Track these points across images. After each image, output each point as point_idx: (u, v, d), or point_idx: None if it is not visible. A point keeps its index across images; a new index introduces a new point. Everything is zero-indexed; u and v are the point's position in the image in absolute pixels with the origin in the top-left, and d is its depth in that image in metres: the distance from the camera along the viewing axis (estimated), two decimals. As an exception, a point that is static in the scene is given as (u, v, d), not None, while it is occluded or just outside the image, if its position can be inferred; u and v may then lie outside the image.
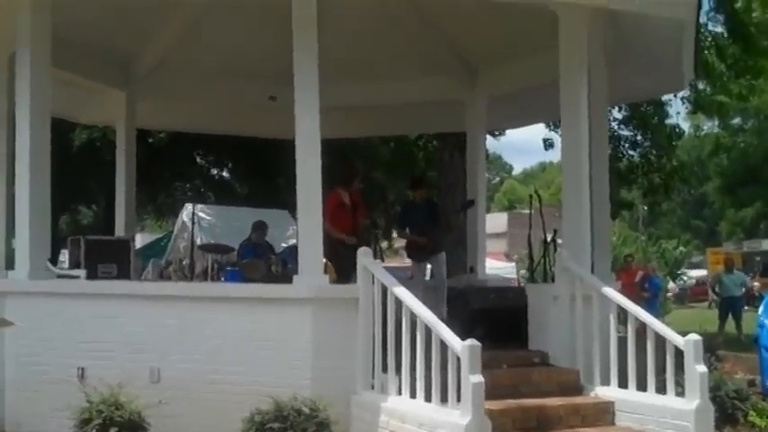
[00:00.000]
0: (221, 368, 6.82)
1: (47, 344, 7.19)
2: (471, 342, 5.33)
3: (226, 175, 22.24)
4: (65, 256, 9.48)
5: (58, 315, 7.27)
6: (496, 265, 26.65)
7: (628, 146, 18.42)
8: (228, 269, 9.01)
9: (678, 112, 55.70)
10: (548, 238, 8.96)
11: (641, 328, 6.65)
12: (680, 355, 6.22)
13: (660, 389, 6.43)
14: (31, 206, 7.44)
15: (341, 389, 6.47)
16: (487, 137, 13.41)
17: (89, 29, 8.89)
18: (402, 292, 6.18)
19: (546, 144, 18.57)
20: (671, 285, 32.41)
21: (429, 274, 9.12)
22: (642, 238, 39.81)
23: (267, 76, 10.20)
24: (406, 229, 9.22)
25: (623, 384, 6.68)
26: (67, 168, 15.48)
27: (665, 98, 17.40)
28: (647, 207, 34.67)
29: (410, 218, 9.24)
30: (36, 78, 7.51)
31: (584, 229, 7.61)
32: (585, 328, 7.04)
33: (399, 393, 6.13)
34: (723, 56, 15.72)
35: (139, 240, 19.19)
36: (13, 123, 7.73)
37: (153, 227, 30.99)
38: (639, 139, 18.39)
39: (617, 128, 17.81)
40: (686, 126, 33.92)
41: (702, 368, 6.15)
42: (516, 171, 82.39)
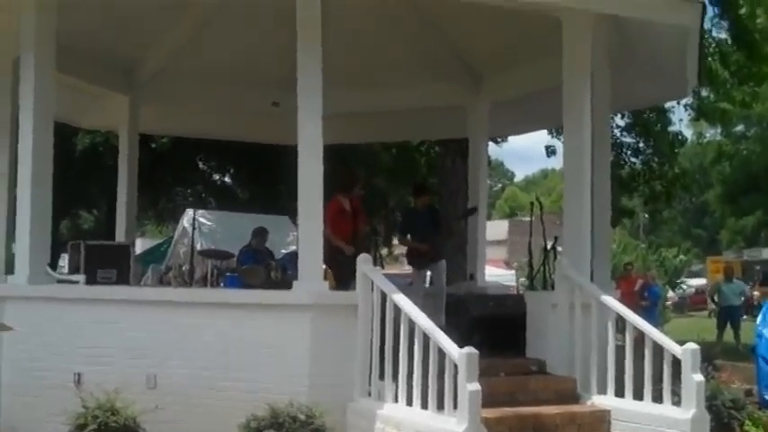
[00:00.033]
0: (219, 374, 6.81)
1: (45, 349, 7.17)
2: (469, 350, 5.33)
3: (227, 180, 22.24)
4: (65, 261, 9.50)
5: (57, 320, 7.25)
6: (496, 273, 26.66)
7: (630, 153, 18.41)
8: (228, 275, 9.03)
9: (681, 119, 55.75)
10: (548, 246, 8.97)
11: (639, 336, 6.65)
12: (677, 363, 6.22)
13: (657, 398, 6.44)
14: (32, 211, 7.42)
15: (338, 396, 6.46)
16: (489, 143, 13.41)
17: (93, 34, 8.91)
18: (401, 299, 6.18)
19: (548, 151, 18.57)
20: (670, 294, 32.34)
21: (429, 281, 9.12)
22: (642, 246, 39.75)
23: (270, 82, 10.24)
24: (408, 236, 9.22)
25: (620, 393, 6.67)
26: (69, 173, 15.48)
27: (667, 105, 17.43)
28: (647, 215, 34.66)
29: (412, 224, 9.23)
30: (40, 82, 7.49)
31: (584, 237, 7.60)
32: (584, 337, 7.04)
33: (396, 401, 6.12)
34: (727, 63, 15.67)
35: (140, 245, 19.19)
36: (16, 127, 7.74)
37: (153, 232, 30.98)
38: (642, 146, 18.38)
39: (619, 135, 17.82)
40: (689, 133, 33.92)
41: (699, 377, 6.15)
42: (518, 178, 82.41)
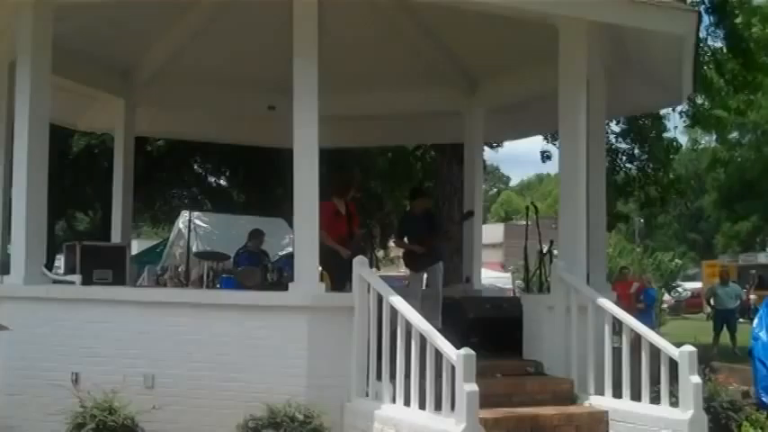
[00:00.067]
0: (216, 374, 6.81)
1: (42, 349, 7.16)
2: (466, 351, 5.33)
3: (223, 182, 22.27)
4: (60, 262, 9.49)
5: (53, 320, 7.24)
6: (492, 275, 26.72)
7: (625, 159, 18.47)
8: (224, 276, 9.04)
9: (676, 125, 55.97)
10: (543, 249, 9.00)
11: (636, 338, 6.66)
12: (674, 365, 6.23)
13: (654, 399, 6.45)
14: (28, 212, 7.42)
15: (335, 396, 6.47)
16: (485, 148, 13.43)
17: (89, 36, 8.90)
18: (397, 301, 6.19)
19: (543, 156, 18.63)
20: (666, 297, 32.45)
21: (425, 284, 9.13)
22: (638, 250, 39.87)
23: (266, 86, 10.22)
24: (405, 239, 9.23)
25: (617, 394, 6.69)
26: (65, 174, 15.50)
27: (663, 112, 17.52)
28: (643, 220, 34.76)
29: (409, 228, 9.25)
30: (36, 85, 7.48)
31: (580, 241, 7.61)
32: (580, 338, 7.06)
33: (393, 401, 6.12)
34: (722, 71, 15.80)
35: (135, 247, 19.16)
36: (12, 129, 7.73)
37: (149, 233, 30.97)
38: (637, 152, 18.45)
39: (615, 141, 17.88)
40: (684, 140, 34.09)
41: (696, 379, 6.16)
42: (513, 182, 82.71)
